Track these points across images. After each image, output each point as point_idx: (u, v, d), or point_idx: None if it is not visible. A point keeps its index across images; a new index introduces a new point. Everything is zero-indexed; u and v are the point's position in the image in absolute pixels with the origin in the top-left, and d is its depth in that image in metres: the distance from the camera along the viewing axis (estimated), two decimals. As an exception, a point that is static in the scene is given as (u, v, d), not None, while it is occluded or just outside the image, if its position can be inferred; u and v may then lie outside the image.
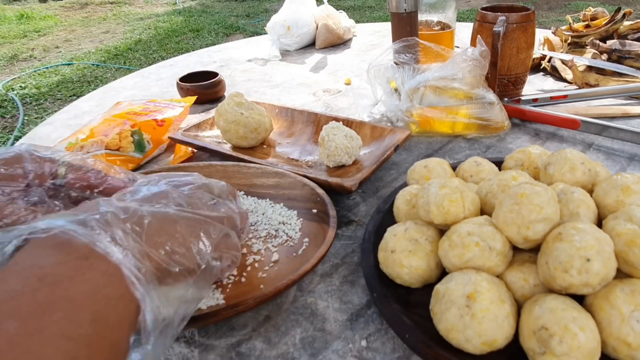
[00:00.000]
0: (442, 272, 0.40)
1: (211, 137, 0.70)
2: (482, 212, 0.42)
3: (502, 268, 0.37)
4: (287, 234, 0.48)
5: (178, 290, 0.30)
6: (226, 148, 0.67)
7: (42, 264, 0.23)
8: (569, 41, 0.95)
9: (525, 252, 0.38)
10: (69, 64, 3.26)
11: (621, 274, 0.33)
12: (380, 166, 0.58)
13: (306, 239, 0.47)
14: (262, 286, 0.41)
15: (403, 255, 0.39)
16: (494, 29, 0.69)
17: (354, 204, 0.56)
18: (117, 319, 0.24)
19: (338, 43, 1.25)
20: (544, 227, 0.35)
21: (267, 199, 0.54)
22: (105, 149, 0.64)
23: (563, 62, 0.89)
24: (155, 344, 0.26)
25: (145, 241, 0.27)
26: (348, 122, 0.67)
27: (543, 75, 0.93)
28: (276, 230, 0.49)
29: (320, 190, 0.50)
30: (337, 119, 0.68)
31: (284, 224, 0.50)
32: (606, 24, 0.93)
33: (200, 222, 0.32)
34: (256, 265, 0.45)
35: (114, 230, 0.26)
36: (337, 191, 0.54)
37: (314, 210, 0.49)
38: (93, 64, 3.25)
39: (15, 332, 0.20)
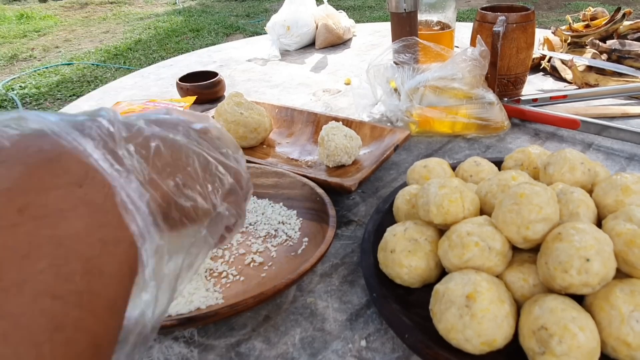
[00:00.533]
0: (442, 272, 0.40)
1: (211, 137, 0.70)
2: (482, 212, 0.42)
3: (501, 268, 0.37)
4: (286, 233, 0.48)
5: (187, 236, 0.25)
6: (226, 148, 0.67)
7: (24, 186, 0.17)
8: (568, 41, 0.95)
9: (525, 252, 0.38)
10: (69, 64, 3.26)
11: (621, 274, 0.33)
12: (380, 166, 0.58)
13: (306, 239, 0.47)
14: (261, 286, 0.41)
15: (403, 255, 0.39)
16: (494, 29, 0.69)
17: (353, 203, 0.56)
18: (114, 270, 0.19)
19: (338, 43, 1.25)
20: (544, 227, 0.35)
21: (267, 199, 0.54)
22: (105, 149, 0.64)
23: (563, 62, 0.89)
24: (157, 294, 0.22)
25: (152, 166, 0.22)
26: (348, 122, 0.67)
27: (543, 75, 0.93)
28: (275, 230, 0.49)
29: (319, 190, 0.50)
30: (336, 119, 0.68)
31: (283, 224, 0.50)
32: (606, 24, 0.93)
33: (213, 163, 0.27)
34: (256, 264, 0.45)
35: (116, 145, 0.21)
36: (336, 191, 0.54)
37: (313, 210, 0.49)
38: (93, 64, 3.25)
39: None
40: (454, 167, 0.51)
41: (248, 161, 0.59)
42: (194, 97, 0.81)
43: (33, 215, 0.17)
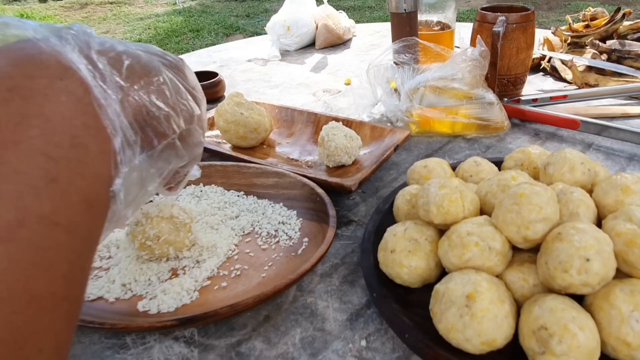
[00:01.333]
0: (442, 272, 0.40)
1: (211, 137, 0.70)
2: (482, 212, 0.42)
3: (501, 268, 0.37)
4: (286, 233, 0.48)
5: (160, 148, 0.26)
6: (226, 148, 0.67)
7: (11, 73, 0.19)
8: (568, 41, 0.95)
9: (525, 252, 0.38)
10: (69, 64, 3.26)
11: (621, 274, 0.33)
12: (380, 166, 0.58)
13: (306, 239, 0.47)
14: (261, 286, 0.41)
15: (403, 255, 0.39)
16: (494, 29, 0.69)
17: (353, 204, 0.57)
18: (98, 149, 0.21)
19: (338, 43, 1.25)
20: (544, 227, 0.35)
21: (267, 199, 0.54)
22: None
23: (563, 62, 0.89)
24: (128, 181, 0.24)
25: (125, 78, 0.24)
26: (348, 122, 0.67)
27: (543, 75, 0.93)
28: (276, 230, 0.49)
29: (319, 190, 0.50)
30: (337, 119, 0.68)
31: (283, 224, 0.50)
32: (606, 24, 0.93)
33: (183, 90, 0.29)
34: (256, 264, 0.45)
35: (91, 54, 0.23)
36: (337, 191, 0.54)
37: (314, 210, 0.49)
38: (93, 64, 3.24)
39: None
40: (454, 167, 0.51)
41: (248, 161, 0.59)
42: (194, 97, 0.81)
43: (21, 95, 0.19)
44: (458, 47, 0.96)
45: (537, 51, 0.95)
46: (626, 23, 0.92)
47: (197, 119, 0.30)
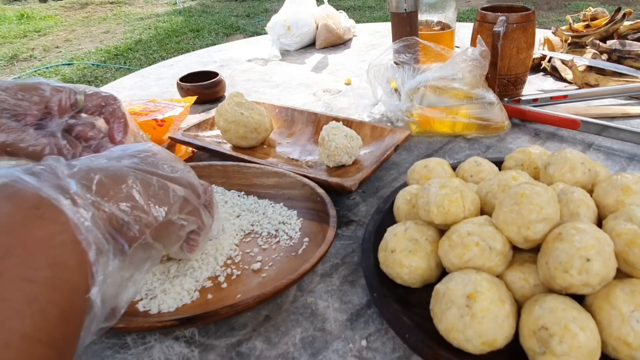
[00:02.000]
0: (442, 272, 0.40)
1: (211, 137, 0.70)
2: (482, 212, 0.42)
3: (502, 268, 0.37)
4: (287, 233, 0.48)
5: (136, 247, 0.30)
6: (226, 148, 0.67)
7: None
8: (569, 41, 0.95)
9: (525, 252, 0.38)
10: (69, 64, 3.26)
11: (621, 274, 0.33)
12: (380, 166, 0.58)
13: (306, 239, 0.47)
14: (261, 286, 0.41)
15: (403, 255, 0.39)
16: (494, 29, 0.69)
17: (354, 204, 0.57)
18: (75, 263, 0.25)
19: (338, 43, 1.25)
20: (544, 227, 0.35)
21: (267, 199, 0.54)
22: (105, 149, 0.64)
23: (563, 62, 0.89)
24: (104, 287, 0.27)
25: (94, 193, 0.28)
26: (348, 122, 0.67)
27: (543, 75, 0.93)
28: (276, 230, 0.49)
29: (320, 190, 0.50)
30: (337, 119, 0.68)
31: (284, 224, 0.50)
32: (606, 24, 0.93)
33: (158, 182, 0.32)
34: (256, 265, 0.45)
35: (61, 179, 0.27)
36: (337, 191, 0.54)
37: (314, 210, 0.49)
38: (93, 64, 3.25)
39: None
40: (454, 167, 0.51)
41: (248, 161, 0.59)
42: (194, 97, 0.81)
43: (2, 231, 0.23)
44: (458, 47, 0.96)
45: (538, 51, 0.95)
46: (626, 23, 0.92)
47: (185, 206, 0.34)
